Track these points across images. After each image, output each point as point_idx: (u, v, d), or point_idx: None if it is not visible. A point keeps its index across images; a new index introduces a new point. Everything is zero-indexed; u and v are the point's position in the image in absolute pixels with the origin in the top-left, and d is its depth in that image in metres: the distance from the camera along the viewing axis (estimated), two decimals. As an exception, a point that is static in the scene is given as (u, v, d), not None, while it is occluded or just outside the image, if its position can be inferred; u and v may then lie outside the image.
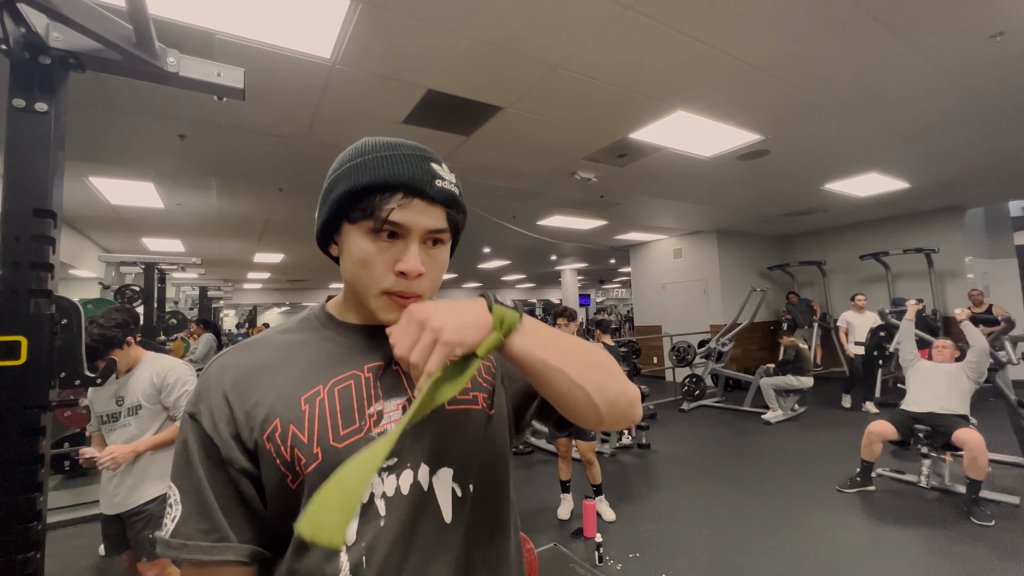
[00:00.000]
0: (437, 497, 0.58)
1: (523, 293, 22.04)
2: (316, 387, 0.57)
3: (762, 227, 7.94)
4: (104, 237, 6.81)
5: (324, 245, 0.62)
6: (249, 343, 0.62)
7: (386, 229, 0.55)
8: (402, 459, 0.57)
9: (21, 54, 1.14)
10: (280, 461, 0.54)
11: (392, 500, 0.55)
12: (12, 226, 1.13)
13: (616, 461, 4.39)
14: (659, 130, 3.52)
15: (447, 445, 0.60)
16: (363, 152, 0.58)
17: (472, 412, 0.62)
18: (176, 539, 0.53)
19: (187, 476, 0.55)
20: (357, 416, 0.56)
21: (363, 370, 0.59)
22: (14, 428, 1.10)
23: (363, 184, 0.55)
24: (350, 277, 0.58)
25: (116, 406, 1.85)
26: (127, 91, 2.67)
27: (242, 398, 0.55)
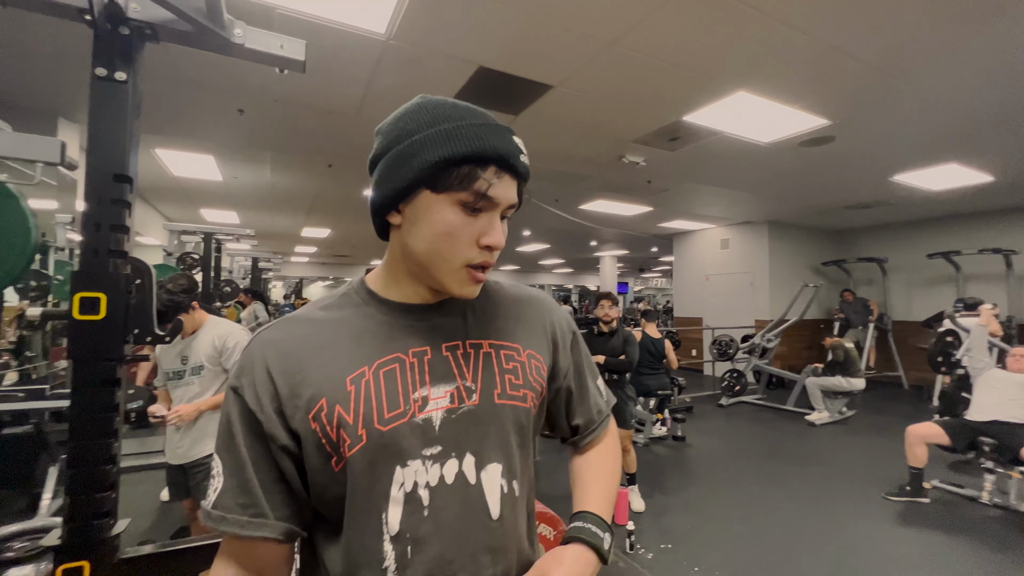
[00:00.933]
0: (485, 491, 0.57)
1: (560, 278, 21.90)
2: (362, 368, 0.56)
3: (818, 220, 7.50)
4: (167, 207, 7.22)
5: (386, 212, 0.58)
6: (291, 318, 0.60)
7: (479, 203, 0.54)
8: (447, 448, 0.55)
9: (104, 25, 1.19)
10: (326, 441, 0.53)
11: (436, 490, 0.54)
12: (94, 190, 1.20)
13: (649, 451, 4.34)
14: (717, 112, 3.35)
15: (495, 440, 0.58)
16: (448, 116, 0.54)
17: (520, 409, 0.61)
18: (216, 510, 0.54)
19: (229, 449, 0.55)
20: (402, 400, 0.55)
21: (407, 354, 0.58)
22: (94, 378, 1.18)
23: (461, 154, 0.52)
24: (426, 248, 0.55)
25: (181, 364, 1.98)
26: (192, 65, 2.78)
27: (287, 375, 0.55)
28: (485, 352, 0.61)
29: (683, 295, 9.19)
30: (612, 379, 3.12)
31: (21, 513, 2.88)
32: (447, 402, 0.57)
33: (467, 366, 0.59)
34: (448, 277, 0.56)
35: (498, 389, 0.60)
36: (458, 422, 0.56)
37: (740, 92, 3.04)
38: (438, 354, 0.59)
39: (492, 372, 0.60)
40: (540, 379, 0.65)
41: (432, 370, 0.58)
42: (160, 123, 3.70)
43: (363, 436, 0.53)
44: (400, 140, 0.55)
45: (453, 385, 0.58)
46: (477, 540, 0.55)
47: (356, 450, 0.53)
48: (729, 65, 2.74)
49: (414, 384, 0.56)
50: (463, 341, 0.61)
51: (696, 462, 4.08)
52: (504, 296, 0.69)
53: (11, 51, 2.65)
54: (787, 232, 7.85)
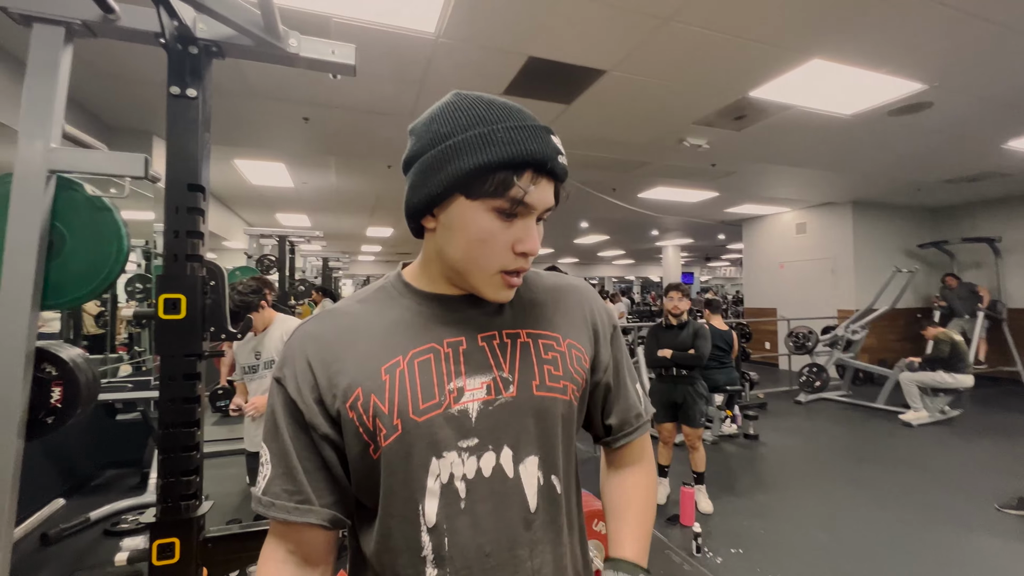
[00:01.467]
0: (523, 484, 0.56)
1: (621, 270, 21.37)
2: (396, 357, 0.56)
3: (912, 197, 6.72)
4: (248, 212, 7.83)
5: (420, 216, 0.57)
6: (330, 311, 0.61)
7: (515, 209, 0.52)
8: (483, 440, 0.54)
9: (175, 46, 1.29)
10: (363, 430, 0.54)
11: (473, 483, 0.54)
12: (173, 199, 1.31)
13: (718, 450, 4.12)
14: (787, 85, 3.07)
15: (534, 432, 0.57)
16: (482, 119, 0.52)
17: (559, 401, 0.59)
18: (265, 496, 0.56)
19: (275, 438, 0.57)
20: (437, 391, 0.54)
21: (442, 344, 0.57)
22: (178, 373, 1.29)
23: (497, 160, 0.50)
24: (462, 255, 0.55)
25: (255, 359, 2.14)
26: (261, 79, 2.97)
27: (324, 365, 0.55)
28: (523, 342, 0.60)
29: (755, 285, 8.63)
30: (681, 374, 2.99)
31: (133, 489, 3.27)
32: (483, 393, 0.56)
33: (504, 357, 0.58)
34: (483, 283, 0.56)
35: (536, 380, 0.58)
36: (495, 414, 0.55)
37: (814, 60, 2.76)
38: (474, 344, 0.58)
39: (530, 363, 0.59)
40: (581, 370, 0.63)
41: (468, 360, 0.57)
42: (237, 136, 4.00)
43: (398, 426, 0.53)
44: (434, 144, 0.54)
45: (489, 376, 0.56)
46: (515, 534, 0.55)
47: (392, 440, 0.53)
48: (800, 31, 2.49)
49: (449, 375, 0.55)
50: (499, 331, 0.60)
51: (770, 462, 3.82)
52: (542, 285, 0.67)
53: (109, 78, 2.97)
54: (875, 212, 7.11)
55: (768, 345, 8.15)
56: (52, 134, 1.24)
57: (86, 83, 3.00)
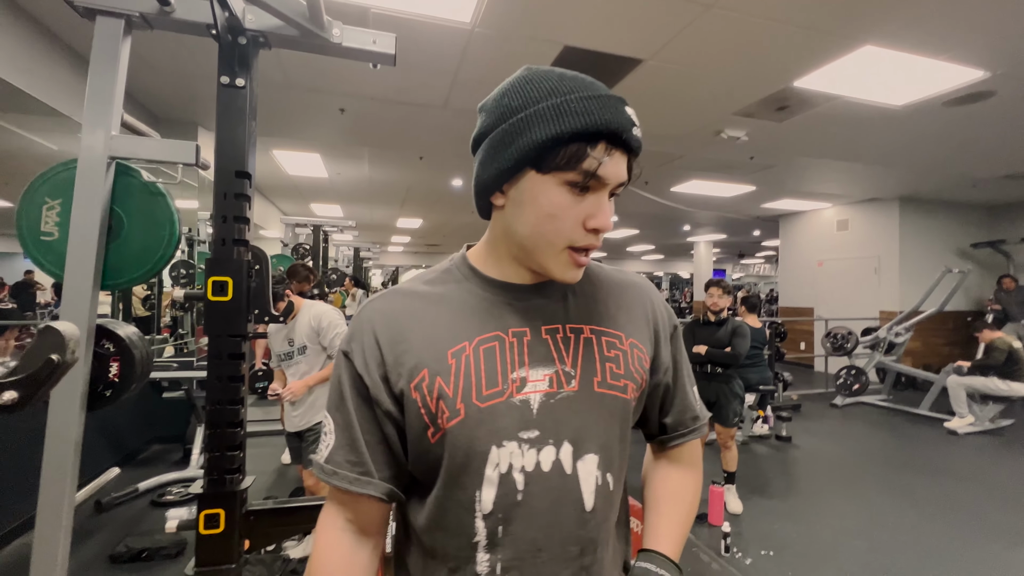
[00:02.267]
0: (580, 482, 0.55)
1: (650, 265, 21.02)
2: (462, 342, 0.56)
3: (967, 193, 6.35)
4: (284, 203, 8.06)
5: (489, 193, 0.56)
6: (397, 290, 0.62)
7: (587, 182, 0.50)
8: (544, 434, 0.54)
9: (225, 36, 1.33)
10: (425, 412, 0.54)
11: (532, 475, 0.53)
12: (221, 185, 1.36)
13: (748, 450, 4.03)
14: (835, 73, 2.94)
15: (594, 429, 0.56)
16: (554, 90, 0.51)
17: (620, 400, 0.58)
18: (328, 464, 0.57)
19: (340, 409, 0.58)
20: (500, 379, 0.54)
21: (507, 333, 0.57)
22: (224, 352, 1.35)
23: (569, 131, 0.48)
24: (530, 231, 0.54)
25: (289, 346, 2.22)
26: (300, 69, 3.04)
27: (392, 343, 0.56)
28: (586, 338, 0.59)
29: (791, 283, 8.34)
30: (716, 372, 2.94)
31: (176, 463, 3.44)
32: (546, 386, 0.55)
33: (567, 351, 0.57)
34: (551, 260, 0.55)
35: (598, 377, 0.57)
36: (556, 408, 0.55)
37: (866, 47, 2.63)
38: (538, 336, 0.57)
39: (592, 359, 0.58)
40: (642, 370, 0.62)
41: (531, 351, 0.56)
42: (276, 126, 4.12)
43: (461, 410, 0.53)
44: (505, 118, 0.52)
45: (552, 369, 0.56)
46: (568, 530, 0.55)
47: (454, 423, 0.53)
48: (852, 16, 2.37)
49: (513, 364, 0.55)
50: (563, 325, 0.59)
51: (804, 465, 3.71)
52: (606, 280, 0.66)
53: (158, 71, 3.09)
54: (924, 209, 6.75)
55: (803, 345, 7.88)
56: (112, 122, 1.30)
57: (136, 75, 3.14)
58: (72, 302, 1.29)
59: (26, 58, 2.51)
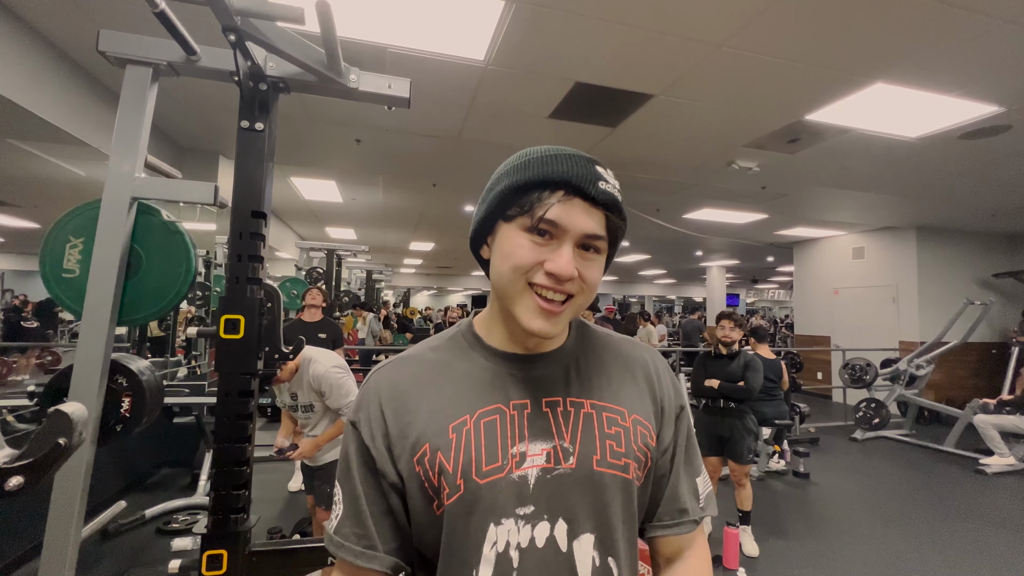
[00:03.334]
0: (576, 562, 0.53)
1: (662, 289, 20.89)
2: (463, 416, 0.56)
3: (987, 223, 6.24)
4: (300, 226, 8.22)
5: (477, 247, 0.62)
6: (405, 357, 0.63)
7: (542, 227, 0.52)
8: (539, 509, 0.53)
9: (247, 83, 1.38)
10: (428, 485, 0.54)
11: (526, 552, 0.52)
12: (237, 225, 1.39)
13: (764, 487, 3.90)
14: (847, 108, 2.94)
15: (591, 509, 0.55)
16: (528, 154, 0.57)
17: (620, 480, 0.56)
18: (336, 536, 0.58)
19: (347, 480, 0.58)
20: (500, 454, 0.54)
21: (508, 405, 0.56)
22: (234, 390, 1.36)
23: (524, 180, 0.53)
24: (496, 276, 0.56)
25: (292, 401, 2.15)
26: (319, 105, 3.13)
27: (397, 415, 0.56)
28: (586, 412, 0.58)
29: (806, 310, 8.21)
30: (728, 407, 2.88)
31: (184, 489, 3.43)
32: (543, 461, 0.54)
33: (566, 425, 0.56)
34: (517, 304, 0.55)
35: (597, 455, 0.56)
36: (552, 484, 0.54)
37: (877, 84, 2.64)
38: (538, 408, 0.57)
39: (592, 435, 0.57)
40: (645, 448, 0.60)
41: (531, 425, 0.56)
42: (295, 156, 4.23)
43: (461, 486, 0.53)
44: (490, 181, 0.59)
45: (550, 444, 0.55)
46: None
47: (454, 499, 0.53)
48: (862, 55, 2.39)
49: (513, 438, 0.55)
50: (564, 398, 0.58)
51: (823, 504, 3.57)
52: (612, 351, 0.65)
53: (182, 104, 3.21)
54: (942, 238, 6.64)
55: (820, 375, 7.69)
56: (137, 164, 1.35)
57: (160, 107, 3.26)
58: (89, 337, 1.31)
59: (56, 92, 2.63)
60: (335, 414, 2.15)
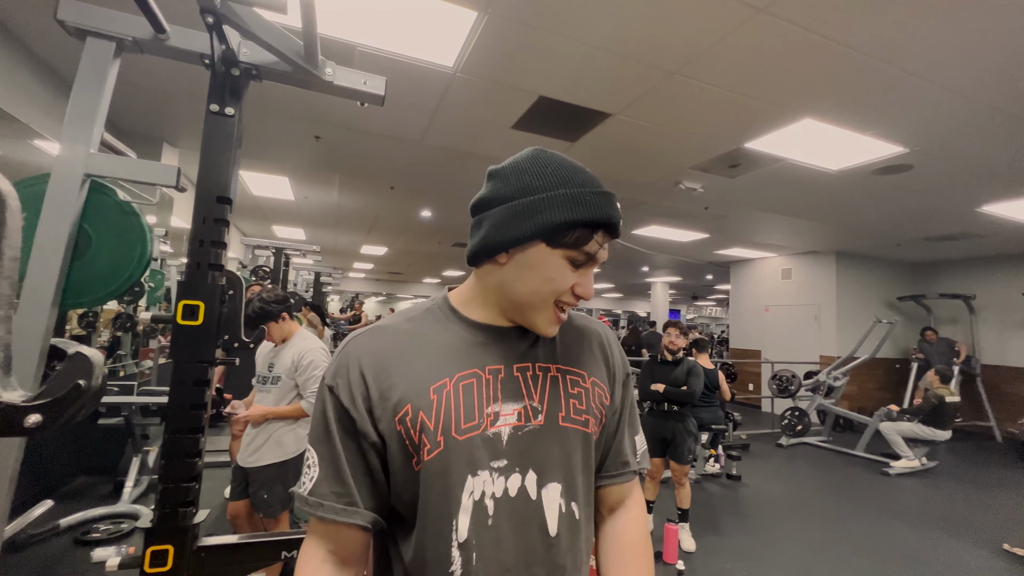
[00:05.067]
0: (544, 508, 0.60)
1: (609, 303, 21.57)
2: (443, 379, 0.60)
3: (893, 251, 7.01)
4: (245, 223, 7.83)
5: (495, 253, 0.62)
6: (381, 327, 0.66)
7: (582, 259, 0.61)
8: (511, 463, 0.59)
9: (220, 67, 1.37)
10: (408, 443, 0.58)
11: (500, 501, 0.58)
12: (201, 210, 1.35)
13: (701, 488, 4.14)
14: (780, 139, 3.26)
15: (557, 460, 0.62)
16: (569, 180, 0.60)
17: (581, 433, 0.65)
18: (313, 497, 0.59)
19: (324, 442, 0.60)
20: (476, 413, 0.59)
21: (484, 370, 0.62)
22: (189, 378, 1.31)
23: (582, 219, 0.58)
24: (529, 291, 0.61)
25: (268, 371, 2.12)
26: (279, 97, 3.06)
27: (378, 379, 0.60)
28: (552, 376, 0.65)
29: (740, 326, 8.79)
30: (672, 410, 3.05)
31: (105, 498, 3.16)
32: (515, 419, 0.60)
33: (535, 387, 0.63)
34: (539, 316, 0.63)
35: (563, 412, 0.63)
36: (523, 439, 0.60)
37: (806, 119, 2.95)
38: (510, 373, 0.63)
39: (558, 395, 0.64)
40: (602, 407, 0.68)
41: (504, 388, 0.62)
42: (247, 148, 4.07)
43: (441, 443, 0.57)
44: (525, 193, 0.60)
45: (521, 404, 0.61)
46: (534, 554, 0.58)
47: (434, 455, 0.57)
48: (794, 93, 2.68)
49: (488, 399, 0.60)
50: (533, 363, 0.65)
51: (753, 504, 3.84)
52: (570, 325, 0.73)
53: (130, 87, 3.03)
54: (857, 263, 7.38)
55: (752, 387, 8.25)
56: (92, 140, 1.29)
57: (106, 88, 3.06)
58: (27, 321, 1.23)
59: (-13, 63, 2.42)
60: (294, 396, 2.11)
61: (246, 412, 2.04)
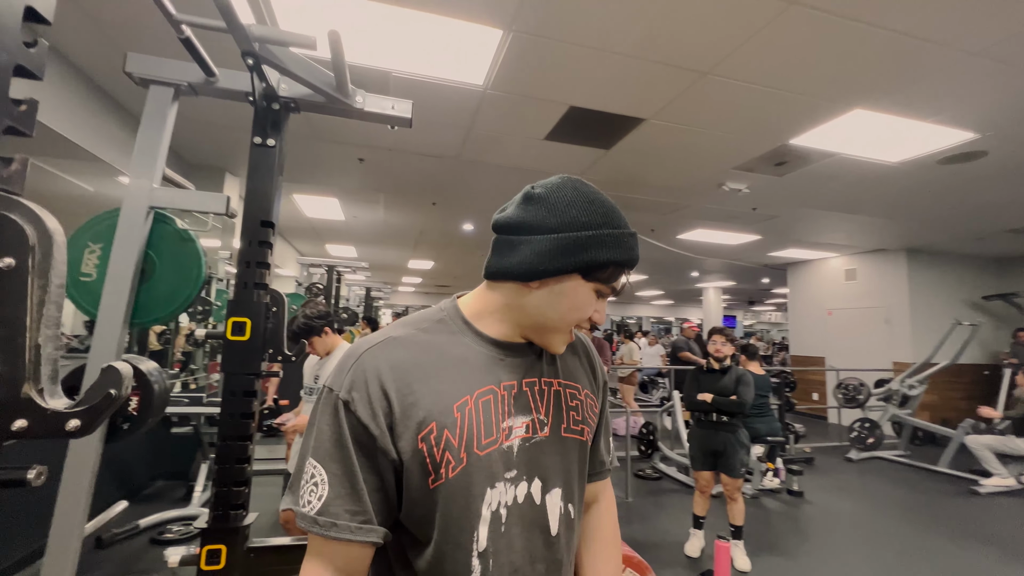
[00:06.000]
0: (548, 512, 0.64)
1: (660, 310, 20.97)
2: (465, 396, 0.61)
3: (973, 246, 6.38)
4: (301, 243, 8.33)
5: (531, 277, 0.64)
6: (396, 338, 0.64)
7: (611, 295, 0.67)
8: (520, 472, 0.63)
9: (261, 103, 1.49)
10: (429, 461, 0.58)
11: (511, 508, 0.62)
12: (247, 233, 1.48)
13: (758, 505, 3.91)
14: (829, 133, 3.09)
15: (559, 467, 0.67)
16: (611, 221, 0.64)
17: (579, 442, 0.70)
18: (324, 517, 0.56)
19: (337, 459, 0.58)
20: (494, 429, 0.62)
21: (499, 386, 0.64)
22: (239, 389, 1.42)
23: (621, 260, 0.63)
24: (559, 316, 0.64)
25: (314, 383, 2.26)
26: (324, 125, 3.27)
27: (400, 395, 0.59)
28: (555, 390, 0.69)
29: (801, 331, 8.28)
30: (722, 421, 2.91)
31: (179, 501, 3.43)
32: (523, 432, 0.64)
33: (541, 401, 0.67)
34: (558, 338, 0.68)
35: (564, 424, 0.68)
36: (531, 450, 0.64)
37: (855, 110, 2.78)
38: (520, 388, 0.66)
39: (560, 408, 0.68)
40: (593, 416, 0.74)
41: (515, 402, 0.65)
42: (299, 173, 4.36)
43: (464, 459, 0.59)
44: (573, 228, 0.62)
45: (529, 417, 0.65)
46: (538, 552, 0.63)
47: (458, 471, 0.59)
48: (838, 84, 2.53)
49: (503, 414, 0.63)
50: (539, 378, 0.68)
51: (817, 522, 3.58)
52: None
53: (191, 122, 3.35)
54: (932, 261, 6.77)
55: (816, 396, 7.72)
56: (155, 176, 1.44)
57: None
58: (103, 338, 1.38)
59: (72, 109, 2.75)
60: None
61: (294, 421, 2.18)
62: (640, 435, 5.01)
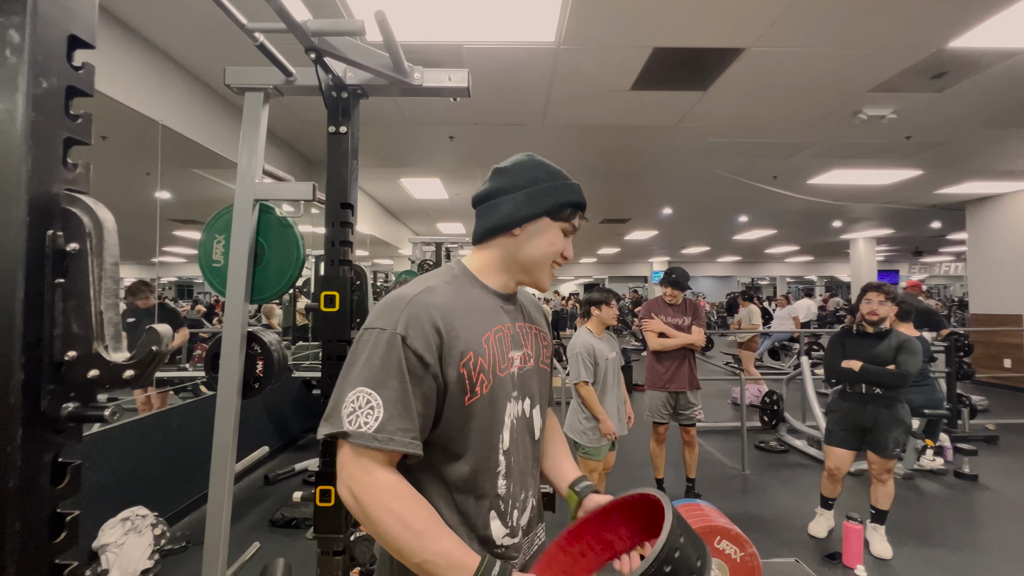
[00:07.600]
0: (534, 422, 0.89)
1: (797, 268, 18.63)
2: (487, 332, 0.79)
3: None
4: (414, 223, 8.99)
5: (513, 224, 0.83)
6: (433, 288, 0.78)
7: (569, 230, 0.86)
8: (518, 393, 0.84)
9: (330, 94, 1.62)
10: (468, 382, 0.75)
11: (517, 420, 0.83)
12: (331, 215, 1.64)
13: (911, 486, 3.36)
14: (1005, 25, 2.38)
15: (538, 390, 0.90)
16: (560, 176, 0.86)
17: (547, 371, 0.96)
18: (382, 434, 0.67)
19: (391, 387, 0.68)
20: (504, 358, 0.81)
21: (504, 326, 0.84)
22: (334, 354, 1.62)
23: (577, 201, 0.85)
24: (539, 255, 0.84)
25: None
26: (410, 108, 3.43)
27: (447, 331, 0.74)
28: (534, 333, 0.92)
29: (984, 284, 6.72)
30: (874, 393, 2.43)
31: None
32: (519, 362, 0.85)
33: (525, 339, 0.88)
34: (544, 274, 0.87)
35: (540, 357, 0.92)
36: (524, 376, 0.86)
37: (1050, -14, 2.09)
38: (513, 328, 0.86)
39: (537, 345, 0.91)
40: (550, 351, 0.98)
41: (512, 339, 0.84)
42: (400, 158, 4.68)
43: (491, 379, 0.78)
44: (535, 183, 0.84)
45: (521, 351, 0.86)
46: (530, 451, 0.88)
47: (489, 388, 0.77)
48: (1021, -47, 1.92)
49: (508, 347, 0.83)
50: (524, 322, 0.90)
51: (993, 512, 2.97)
52: (524, 294, 0.98)
53: (307, 123, 3.75)
54: None
55: (1009, 363, 6.27)
56: (257, 172, 1.67)
57: (289, 127, 3.86)
58: (232, 314, 1.67)
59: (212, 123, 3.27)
60: None
61: None
62: (763, 404, 4.58)
